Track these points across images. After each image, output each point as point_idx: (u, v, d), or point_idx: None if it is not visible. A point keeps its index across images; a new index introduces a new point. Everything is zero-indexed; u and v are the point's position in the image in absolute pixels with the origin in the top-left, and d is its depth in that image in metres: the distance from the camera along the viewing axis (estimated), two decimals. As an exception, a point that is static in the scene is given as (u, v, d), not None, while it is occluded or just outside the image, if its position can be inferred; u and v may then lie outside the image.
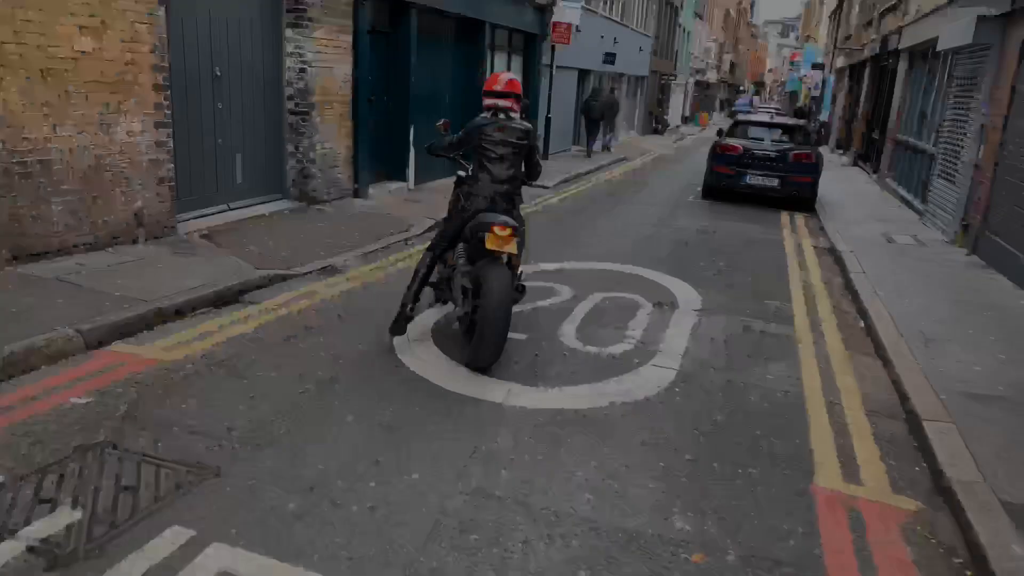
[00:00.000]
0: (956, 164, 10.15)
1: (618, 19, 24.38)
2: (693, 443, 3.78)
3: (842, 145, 25.98)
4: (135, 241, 6.63)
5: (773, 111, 37.56)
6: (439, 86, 12.81)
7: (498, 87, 4.82)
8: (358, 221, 8.78)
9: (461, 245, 4.94)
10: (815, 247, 9.56)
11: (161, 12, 6.61)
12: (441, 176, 12.98)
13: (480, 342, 4.32)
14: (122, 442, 3.40)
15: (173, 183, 7.02)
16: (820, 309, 6.55)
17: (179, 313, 5.20)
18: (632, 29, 26.74)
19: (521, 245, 4.87)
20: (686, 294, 6.67)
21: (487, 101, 4.85)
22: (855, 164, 21.76)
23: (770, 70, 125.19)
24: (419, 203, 10.42)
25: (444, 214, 5.39)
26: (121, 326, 4.75)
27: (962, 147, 10.01)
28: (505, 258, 4.47)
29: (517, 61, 16.40)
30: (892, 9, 18.79)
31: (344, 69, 9.56)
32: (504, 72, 6.01)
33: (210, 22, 7.60)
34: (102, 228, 6.32)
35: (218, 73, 7.79)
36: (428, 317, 5.49)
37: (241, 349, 4.66)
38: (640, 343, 5.25)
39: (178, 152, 7.27)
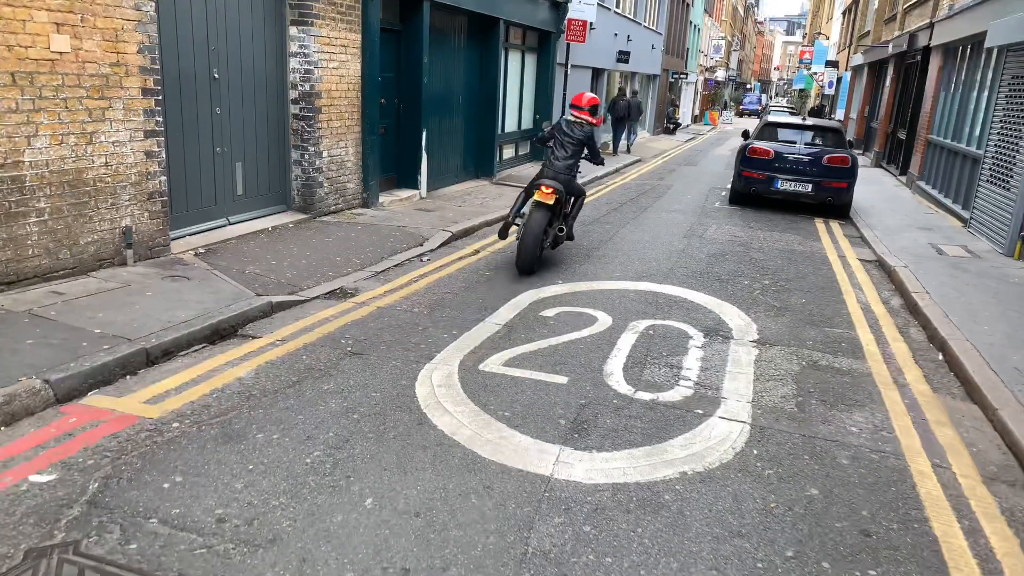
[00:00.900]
0: (1011, 169, 9.42)
1: (631, 16, 23.65)
2: (791, 531, 3.08)
3: (861, 144, 25.20)
4: (123, 264, 5.95)
5: (787, 110, 36.78)
6: (452, 87, 12.13)
7: (581, 103, 7.49)
8: (368, 234, 8.09)
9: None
10: (861, 260, 8.84)
11: (150, 8, 5.93)
12: (453, 183, 12.32)
13: (519, 252, 7.00)
14: (86, 542, 2.71)
15: (166, 197, 6.34)
16: (888, 337, 5.84)
17: (168, 354, 4.52)
18: (644, 26, 26.01)
19: (575, 205, 7.73)
20: (737, 320, 5.97)
21: (572, 110, 7.54)
22: (878, 165, 21.01)
23: (776, 67, 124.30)
24: (432, 212, 9.74)
25: (459, 225, 8.21)
26: (99, 373, 4.07)
27: (1018, 151, 9.27)
28: (549, 206, 7.05)
29: (531, 59, 15.70)
30: (919, 4, 18.04)
31: (353, 70, 8.88)
32: (587, 92, 7.74)
33: (207, 20, 6.92)
34: (84, 251, 5.65)
35: (216, 75, 7.11)
36: (452, 355, 4.80)
37: (238, 401, 3.98)
38: (699, 386, 4.55)
39: (172, 163, 6.61)
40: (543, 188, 6.93)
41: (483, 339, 5.14)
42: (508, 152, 15.07)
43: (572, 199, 7.65)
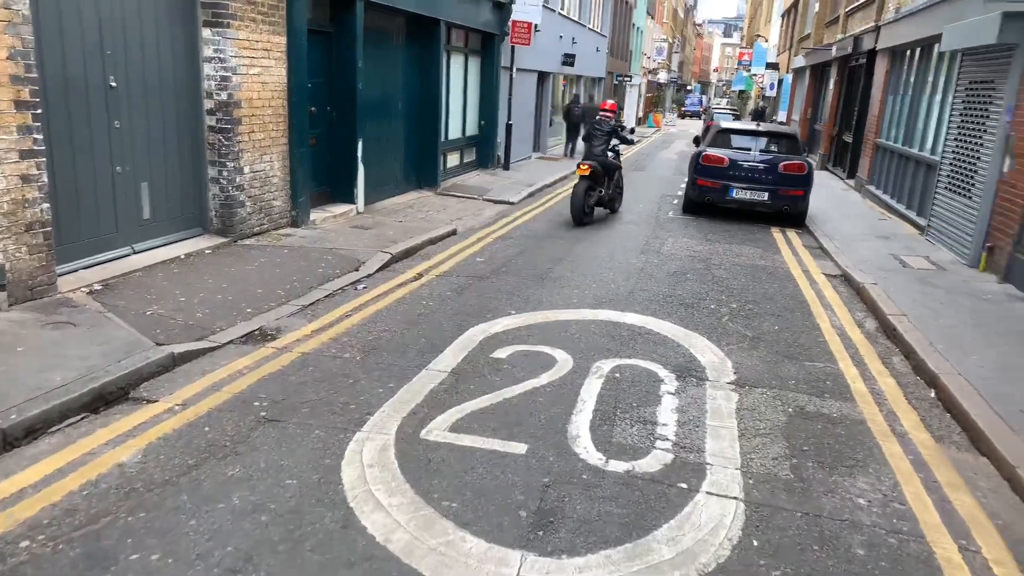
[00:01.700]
0: (972, 177, 9.14)
1: (576, 18, 23.16)
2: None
3: (805, 147, 25.24)
4: (-7, 309, 5.01)
5: (729, 111, 36.96)
6: (390, 92, 11.32)
7: (604, 108, 11.34)
8: (296, 259, 7.25)
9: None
10: (826, 275, 8.41)
11: (22, 6, 5.00)
12: (394, 194, 11.53)
13: (571, 210, 10.32)
14: None
15: (49, 228, 5.41)
16: (873, 371, 5.33)
17: (32, 432, 3.65)
18: (589, 28, 25.58)
19: (608, 179, 10.92)
20: (710, 356, 5.37)
21: (601, 114, 11.25)
22: (823, 168, 20.97)
23: (715, 69, 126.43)
24: (370, 230, 8.93)
25: (400, 245, 8.16)
26: (-68, 468, 3.19)
27: (979, 158, 8.99)
28: (588, 176, 10.27)
29: (475, 62, 14.99)
30: (862, 7, 18.00)
31: (277, 75, 8.01)
32: (609, 100, 10.90)
33: (99, 20, 5.99)
34: (-60, 297, 4.70)
35: (113, 84, 6.19)
36: (389, 417, 4.05)
37: (115, 500, 3.15)
38: (678, 447, 3.91)
39: (59, 186, 5.68)
40: (581, 166, 10.30)
41: (426, 393, 4.40)
42: (453, 160, 14.33)
43: (613, 172, 11.17)
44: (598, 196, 10.65)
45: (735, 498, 3.43)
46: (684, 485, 3.52)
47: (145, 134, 6.63)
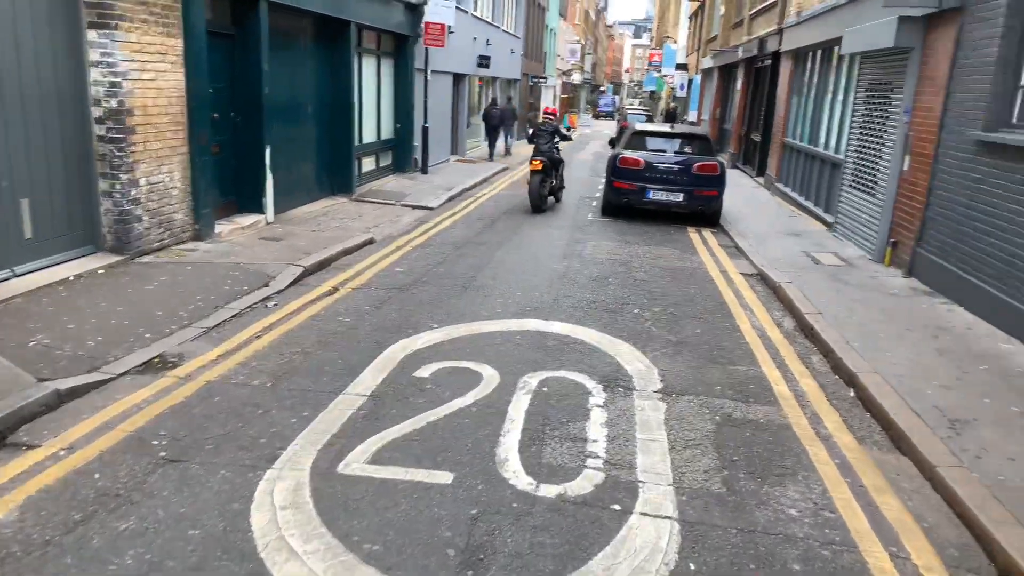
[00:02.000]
0: (875, 175, 9.50)
1: (490, 20, 23.06)
2: None
3: (715, 146, 25.97)
4: None
5: (642, 111, 37.71)
6: (300, 96, 10.88)
7: (547, 112, 13.41)
8: (200, 276, 6.80)
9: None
10: (743, 274, 8.55)
11: None
12: (306, 202, 11.09)
13: (530, 200, 11.93)
14: None
15: (-91, 253, 4.84)
16: (794, 372, 5.39)
17: None
18: (503, 30, 25.54)
19: (556, 172, 12.56)
20: (636, 364, 5.30)
21: (542, 115, 13.40)
22: (733, 166, 21.59)
23: (627, 70, 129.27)
24: (281, 242, 8.51)
25: (313, 257, 7.80)
26: None
27: (881, 156, 9.35)
28: (541, 171, 11.81)
29: (388, 65, 14.64)
30: (766, 11, 18.61)
31: (174, 81, 7.52)
32: (549, 105, 16.87)
33: (-37, 20, 5.42)
34: None
35: (-17, 90, 5.62)
36: (303, 451, 3.77)
37: (-16, 569, 2.78)
38: (609, 465, 3.79)
39: (-81, 205, 5.09)
40: (534, 161, 11.91)
41: (343, 421, 4.14)
42: (368, 165, 13.94)
43: (559, 166, 12.87)
44: (550, 186, 12.40)
45: (669, 518, 3.33)
46: (617, 507, 3.40)
47: (23, 145, 6.06)
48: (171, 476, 3.48)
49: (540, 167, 11.83)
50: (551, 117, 13.14)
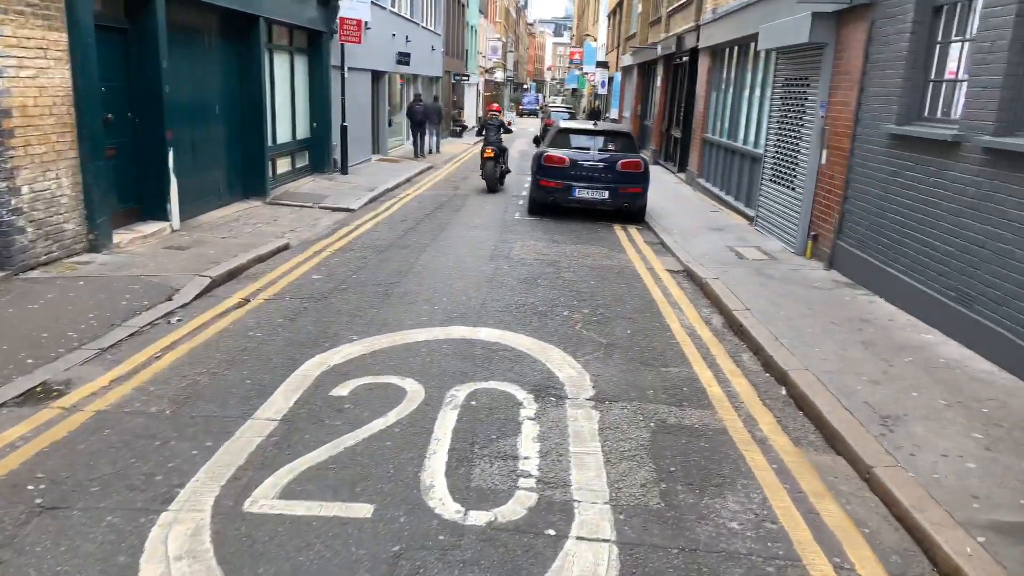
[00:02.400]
0: (793, 169, 9.63)
1: (408, 16, 22.59)
2: None
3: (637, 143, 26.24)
4: None
5: (565, 109, 37.87)
6: (206, 94, 10.26)
7: (493, 109, 15.44)
8: (94, 292, 6.23)
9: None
10: (670, 271, 8.51)
11: None
12: (216, 207, 10.48)
13: (486, 184, 14.61)
14: None
15: None
16: (726, 372, 5.30)
17: None
18: (423, 27, 25.10)
19: (501, 158, 14.74)
20: (567, 370, 5.10)
21: (489, 112, 15.36)
22: (655, 163, 21.84)
23: (549, 68, 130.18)
24: (187, 251, 7.95)
25: (222, 266, 7.28)
26: None
27: (799, 151, 9.49)
28: (493, 157, 14.34)
29: (302, 62, 14.06)
30: (682, 8, 18.84)
31: (59, 78, 6.88)
32: (494, 104, 16.19)
33: None
34: None
35: None
36: (204, 488, 3.38)
37: None
38: (543, 484, 3.56)
39: None
40: (487, 150, 14.25)
41: (251, 450, 3.76)
42: (284, 166, 13.34)
43: (505, 154, 14.98)
44: (501, 170, 14.76)
45: (607, 540, 3.13)
46: (552, 532, 3.17)
47: None
48: (48, 528, 3.05)
49: (492, 155, 14.25)
50: (496, 113, 15.14)
